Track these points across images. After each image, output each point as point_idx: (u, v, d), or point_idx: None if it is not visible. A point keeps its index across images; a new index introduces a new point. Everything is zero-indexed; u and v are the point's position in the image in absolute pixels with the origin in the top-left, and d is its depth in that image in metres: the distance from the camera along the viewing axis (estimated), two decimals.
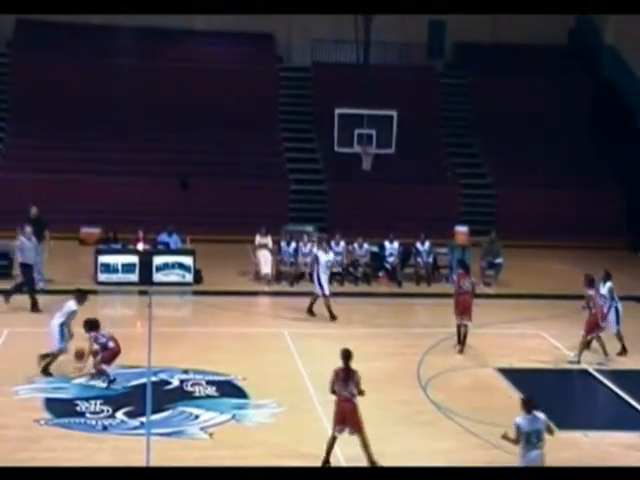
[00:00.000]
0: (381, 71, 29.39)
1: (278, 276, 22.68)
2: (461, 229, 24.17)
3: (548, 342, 18.42)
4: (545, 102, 30.29)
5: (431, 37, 32.34)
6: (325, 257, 19.59)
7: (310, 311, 19.55)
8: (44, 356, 15.34)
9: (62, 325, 15.23)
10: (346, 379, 12.28)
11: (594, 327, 17.16)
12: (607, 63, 31.18)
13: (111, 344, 15.31)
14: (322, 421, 14.25)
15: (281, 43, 32.28)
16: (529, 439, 10.93)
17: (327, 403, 14.89)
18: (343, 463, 12.65)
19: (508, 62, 31.11)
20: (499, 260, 23.40)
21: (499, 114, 29.91)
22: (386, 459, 12.68)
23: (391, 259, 23.10)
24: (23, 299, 19.72)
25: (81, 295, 15.64)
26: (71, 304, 15.42)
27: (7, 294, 19.40)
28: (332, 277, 22.63)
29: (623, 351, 17.48)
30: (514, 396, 15.59)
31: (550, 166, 28.92)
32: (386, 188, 27.77)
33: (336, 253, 22.88)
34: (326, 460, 12.45)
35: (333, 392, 12.39)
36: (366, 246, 23.13)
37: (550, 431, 11.12)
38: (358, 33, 27.28)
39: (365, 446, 12.42)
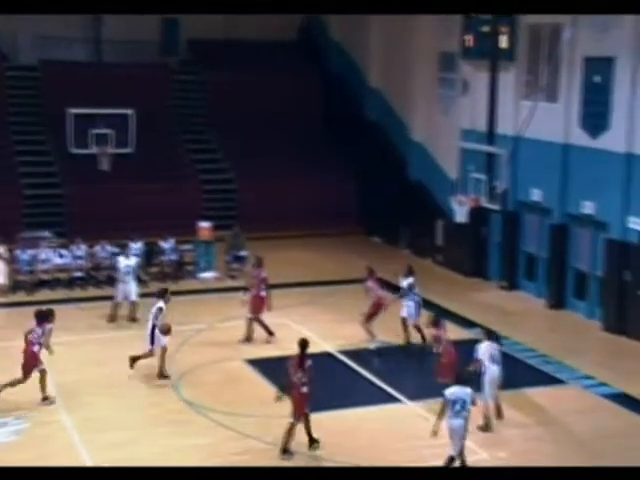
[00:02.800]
0: (114, 69, 28.76)
1: (15, 286, 21.58)
2: (204, 225, 24.25)
3: (294, 329, 18.92)
4: (279, 97, 30.99)
5: (164, 34, 32.06)
6: (124, 262, 19.55)
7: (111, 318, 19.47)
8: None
9: (154, 327, 16.04)
10: (298, 366, 13.08)
11: (373, 313, 17.95)
12: (335, 58, 32.48)
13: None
14: (69, 431, 13.83)
15: (6, 40, 30.60)
16: (454, 406, 12.24)
17: (75, 411, 14.51)
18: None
19: (242, 58, 31.51)
20: (244, 253, 23.74)
21: (236, 110, 30.22)
22: (139, 462, 12.51)
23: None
24: None
25: (163, 292, 16.58)
26: (159, 303, 16.26)
27: None
28: (73, 282, 22.02)
29: (423, 340, 17.79)
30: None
31: (288, 159, 29.65)
32: (127, 188, 27.18)
33: (77, 257, 22.20)
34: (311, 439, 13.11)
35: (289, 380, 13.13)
36: (109, 248, 22.58)
37: (473, 403, 12.51)
38: (88, 30, 26.57)
39: (289, 431, 13.06)
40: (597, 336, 19.36)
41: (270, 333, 18.31)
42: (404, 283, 18.22)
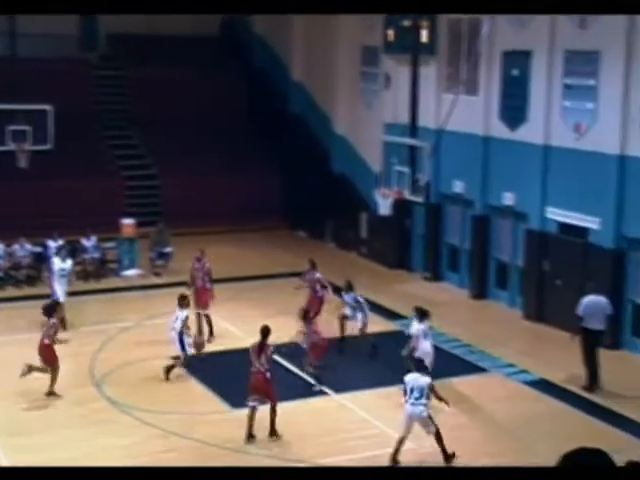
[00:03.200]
0: (32, 64, 28.13)
1: None
2: (128, 222, 23.92)
3: (219, 325, 18.80)
4: (203, 92, 30.72)
5: (84, 29, 31.51)
6: (60, 264, 18.83)
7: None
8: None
9: (181, 334, 15.84)
10: (259, 353, 13.38)
11: (318, 311, 17.83)
12: (258, 52, 32.38)
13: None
14: None
15: None
16: (412, 393, 12.71)
17: None
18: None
19: (164, 53, 31.12)
20: (168, 249, 23.50)
21: (158, 105, 29.85)
22: (62, 464, 12.28)
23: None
24: None
25: (182, 298, 16.18)
26: (183, 312, 15.95)
27: None
28: None
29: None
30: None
31: (211, 154, 29.43)
32: (47, 185, 26.65)
33: None
34: (250, 434, 13.35)
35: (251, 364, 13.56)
36: (28, 247, 22.12)
37: (433, 391, 12.91)
38: (2, 24, 25.92)
39: (273, 412, 13.44)
40: (518, 324, 19.76)
41: (200, 335, 17.87)
42: (348, 299, 17.81)
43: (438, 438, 12.81)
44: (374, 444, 13.46)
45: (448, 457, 12.81)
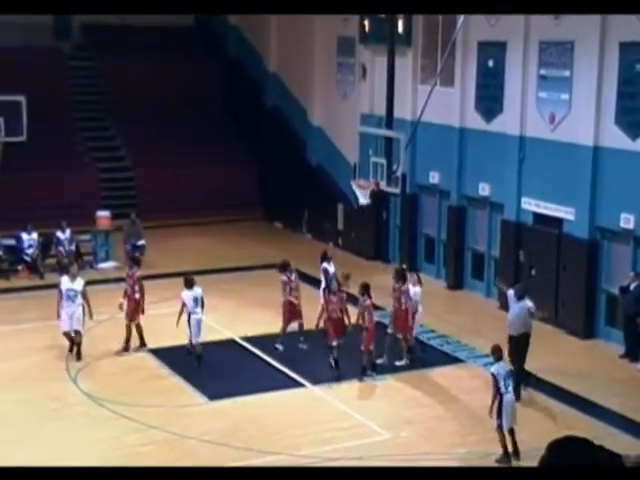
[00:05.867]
0: (4, 54, 27.80)
1: None
2: (102, 214, 23.77)
3: None
4: (177, 83, 30.54)
5: (57, 18, 31.21)
6: (68, 284, 16.40)
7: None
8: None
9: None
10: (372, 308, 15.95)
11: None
12: (233, 43, 32.21)
13: None
14: None
15: None
16: (505, 383, 12.33)
17: None
18: None
19: (138, 43, 30.89)
20: (142, 242, 23.32)
21: (133, 96, 29.63)
22: (39, 458, 12.21)
23: (30, 251, 22.12)
24: None
25: (188, 280, 16.56)
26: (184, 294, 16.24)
27: None
28: None
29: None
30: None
31: (187, 145, 29.27)
32: (20, 177, 26.41)
33: None
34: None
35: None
36: (5, 242, 21.88)
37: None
38: None
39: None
40: (494, 315, 19.77)
41: (143, 344, 17.00)
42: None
43: (511, 433, 12.71)
44: (351, 435, 13.49)
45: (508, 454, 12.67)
